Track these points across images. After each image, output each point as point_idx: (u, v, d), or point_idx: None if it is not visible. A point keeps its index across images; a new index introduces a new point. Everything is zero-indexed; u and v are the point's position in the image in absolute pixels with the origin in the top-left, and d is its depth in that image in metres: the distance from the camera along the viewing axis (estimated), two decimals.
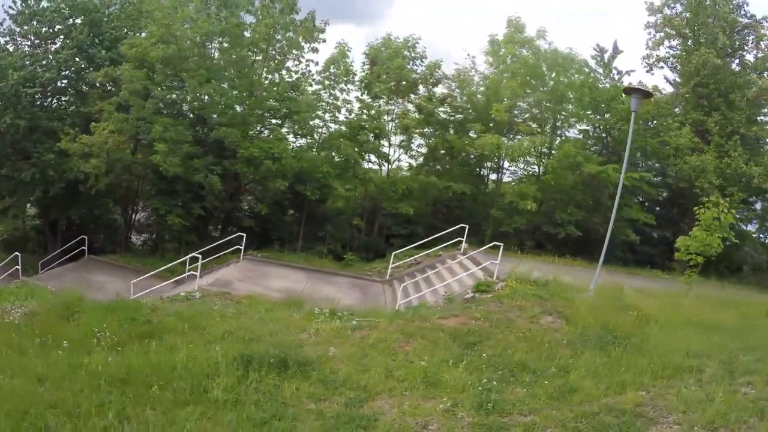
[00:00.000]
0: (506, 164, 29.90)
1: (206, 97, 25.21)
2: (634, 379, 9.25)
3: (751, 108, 29.07)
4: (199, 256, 19.40)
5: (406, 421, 7.62)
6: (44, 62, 28.56)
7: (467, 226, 22.82)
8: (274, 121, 27.94)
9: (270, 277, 20.33)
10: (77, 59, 29.04)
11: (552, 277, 15.89)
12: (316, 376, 8.93)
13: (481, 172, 31.57)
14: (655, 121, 29.93)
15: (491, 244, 19.58)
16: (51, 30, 29.44)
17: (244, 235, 23.34)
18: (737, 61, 30.78)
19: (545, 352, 10.45)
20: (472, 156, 28.21)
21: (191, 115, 27.09)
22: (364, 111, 27.82)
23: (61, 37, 29.37)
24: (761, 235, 39.27)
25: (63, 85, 30.12)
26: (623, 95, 24.52)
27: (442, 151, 29.85)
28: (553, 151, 29.10)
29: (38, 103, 29.01)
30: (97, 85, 28.66)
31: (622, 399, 8.40)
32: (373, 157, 29.15)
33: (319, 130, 28.32)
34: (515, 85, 26.18)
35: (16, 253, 23.80)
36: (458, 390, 8.61)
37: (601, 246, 16.18)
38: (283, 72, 27.99)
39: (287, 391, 8.29)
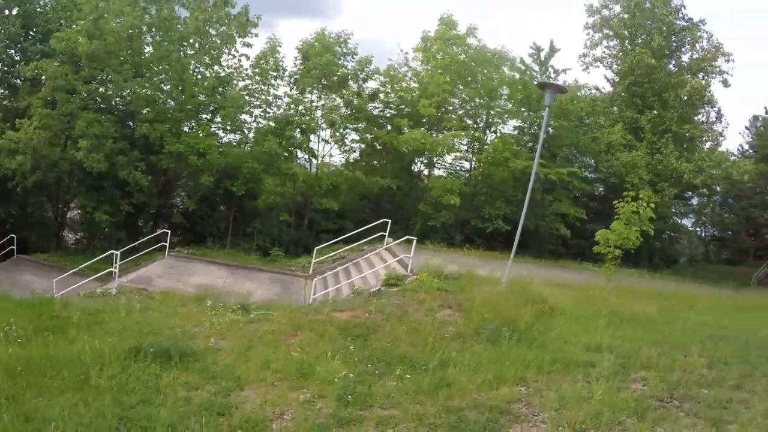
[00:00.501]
0: (436, 160, 30.06)
1: (131, 92, 24.72)
2: (516, 374, 8.96)
3: (684, 107, 29.82)
4: (118, 253, 19.23)
5: (264, 409, 7.60)
6: None
7: (390, 221, 22.79)
8: (204, 116, 27.55)
9: (192, 274, 20.23)
10: (10, 51, 28.40)
11: (467, 270, 15.88)
12: (197, 367, 8.96)
13: (413, 168, 31.60)
14: (590, 119, 30.52)
15: (405, 238, 19.71)
16: None
17: (169, 232, 23.20)
18: (674, 62, 31.66)
19: (430, 346, 10.18)
20: (405, 151, 28.18)
21: (122, 108, 26.56)
22: (292, 106, 27.59)
23: None
24: (697, 229, 40.79)
25: None
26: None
27: (378, 147, 29.86)
28: (486, 147, 29.30)
29: None
30: (28, 79, 27.95)
31: (496, 395, 8.13)
32: (301, 153, 29.00)
33: (249, 125, 28.15)
34: (444, 81, 26.31)
35: None
36: (327, 382, 8.54)
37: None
38: (216, 67, 27.70)
39: (165, 380, 8.35)
